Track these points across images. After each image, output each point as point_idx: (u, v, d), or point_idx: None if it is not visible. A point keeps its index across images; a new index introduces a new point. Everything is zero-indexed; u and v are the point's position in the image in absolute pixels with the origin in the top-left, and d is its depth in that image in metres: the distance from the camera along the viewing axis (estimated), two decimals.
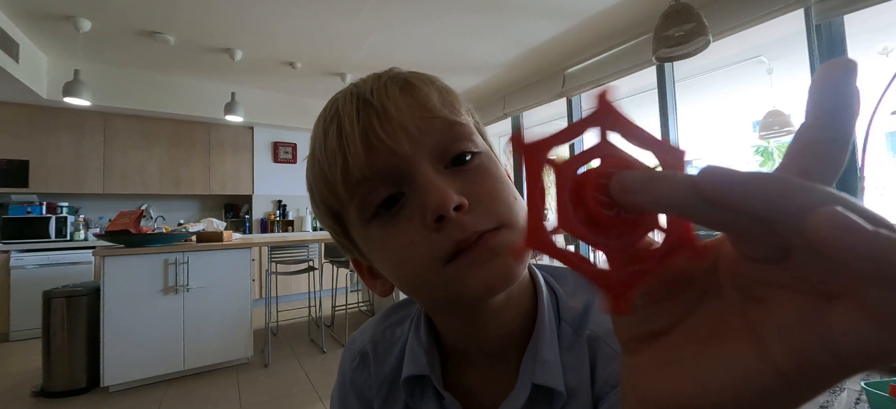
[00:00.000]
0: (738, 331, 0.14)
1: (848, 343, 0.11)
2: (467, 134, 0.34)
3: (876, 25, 2.95)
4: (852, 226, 0.10)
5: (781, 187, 0.11)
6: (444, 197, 0.29)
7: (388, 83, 0.34)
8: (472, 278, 0.30)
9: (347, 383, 0.47)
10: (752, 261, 0.13)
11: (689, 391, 0.14)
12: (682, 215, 0.14)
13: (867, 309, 0.10)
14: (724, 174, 0.12)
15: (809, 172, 0.12)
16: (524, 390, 0.34)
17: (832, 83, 0.12)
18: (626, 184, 0.14)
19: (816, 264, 0.11)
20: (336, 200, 0.34)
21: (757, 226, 0.12)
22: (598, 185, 0.15)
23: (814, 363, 0.11)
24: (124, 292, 2.36)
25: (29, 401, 2.26)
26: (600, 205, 0.15)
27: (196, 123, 4.44)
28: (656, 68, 2.89)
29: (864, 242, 0.10)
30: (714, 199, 0.12)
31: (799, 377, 0.12)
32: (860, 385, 0.75)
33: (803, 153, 0.13)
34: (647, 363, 0.16)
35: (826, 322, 0.11)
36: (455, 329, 0.38)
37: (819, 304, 0.12)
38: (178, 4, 2.68)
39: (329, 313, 3.73)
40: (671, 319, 0.16)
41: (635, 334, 0.17)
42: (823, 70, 0.13)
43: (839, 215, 0.10)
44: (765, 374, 0.12)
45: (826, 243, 0.10)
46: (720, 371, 0.13)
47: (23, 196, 3.80)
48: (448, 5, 2.71)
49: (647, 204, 0.14)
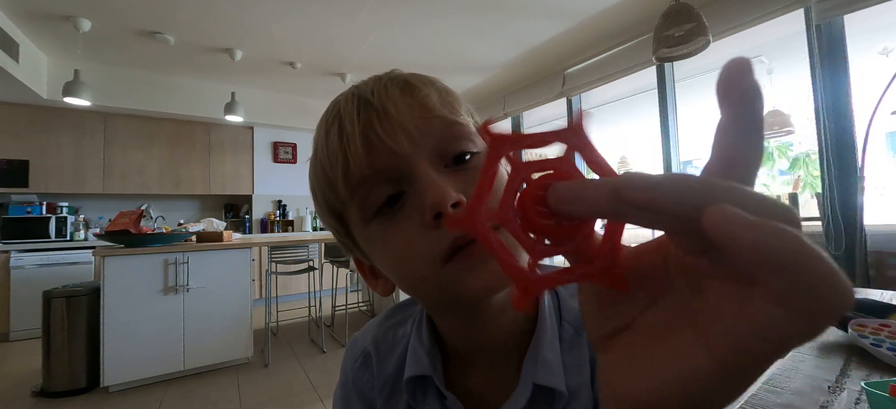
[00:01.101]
0: (684, 323, 0.15)
1: (769, 328, 0.11)
2: (467, 134, 0.34)
3: (876, 25, 2.95)
4: (735, 220, 0.11)
5: (682, 186, 0.12)
6: (441, 194, 0.29)
7: (388, 84, 0.34)
8: (470, 278, 0.30)
9: (350, 383, 0.47)
10: (690, 254, 0.14)
11: (645, 385, 0.15)
12: (610, 218, 0.15)
13: (775, 295, 0.11)
14: (640, 179, 0.13)
15: (731, 166, 0.13)
16: (526, 390, 0.34)
17: (734, 80, 0.13)
18: (560, 194, 0.15)
19: (728, 255, 0.12)
20: (337, 199, 0.34)
21: (678, 223, 0.13)
22: (538, 196, 0.16)
23: (746, 349, 0.12)
24: (124, 292, 2.37)
25: (29, 401, 2.26)
26: (540, 215, 0.16)
27: (196, 123, 4.44)
28: (656, 68, 2.89)
29: (743, 233, 0.11)
30: (632, 202, 0.13)
31: (736, 363, 0.12)
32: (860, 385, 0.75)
33: (722, 147, 0.14)
34: (614, 359, 0.17)
35: (751, 309, 0.12)
36: (456, 329, 0.38)
37: (745, 291, 0.12)
38: (178, 4, 2.68)
39: (329, 313, 3.73)
40: (632, 314, 0.17)
41: (603, 332, 0.18)
42: (723, 70, 0.14)
43: (722, 211, 0.11)
44: (706, 362, 0.13)
45: (718, 239, 0.11)
46: (669, 364, 0.14)
47: (23, 196, 3.80)
48: (448, 5, 2.71)
49: (578, 212, 0.15)
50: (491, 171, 0.17)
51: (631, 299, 0.17)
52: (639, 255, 0.17)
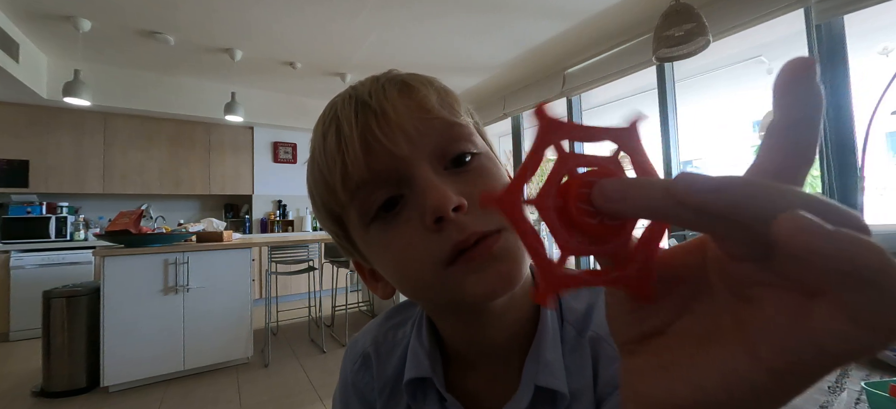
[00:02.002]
0: (728, 330, 0.14)
1: (830, 341, 0.11)
2: (466, 135, 0.33)
3: (876, 25, 2.95)
4: (812, 229, 0.10)
5: (752, 192, 0.12)
6: (442, 198, 0.29)
7: (386, 85, 0.33)
8: (473, 282, 0.29)
9: (349, 385, 0.47)
10: (737, 260, 0.14)
11: (684, 393, 0.14)
12: (660, 220, 0.14)
13: (843, 307, 0.11)
14: (697, 180, 0.12)
15: (783, 169, 0.13)
16: (527, 392, 0.34)
17: (795, 82, 0.13)
18: (607, 191, 0.14)
19: (795, 264, 0.12)
20: (336, 203, 0.34)
21: (734, 229, 0.12)
22: (581, 198, 0.15)
23: (801, 360, 0.12)
24: (124, 292, 2.36)
25: (29, 401, 2.26)
26: (581, 211, 0.15)
27: (196, 123, 4.44)
28: (656, 68, 2.89)
29: (824, 244, 0.10)
30: (688, 204, 0.12)
31: (788, 374, 0.12)
32: (860, 385, 0.75)
33: (776, 151, 0.13)
34: (643, 364, 0.16)
35: (809, 321, 0.11)
36: (457, 332, 0.38)
37: (803, 302, 0.12)
38: (179, 4, 2.68)
39: (329, 313, 3.73)
40: (665, 319, 0.16)
41: (631, 336, 0.17)
42: (785, 70, 0.13)
43: (800, 219, 0.10)
44: (755, 372, 0.12)
45: (791, 247, 0.10)
46: (713, 371, 0.13)
47: (23, 196, 3.80)
48: (448, 5, 2.71)
49: (626, 211, 0.14)
50: (538, 156, 0.16)
51: (664, 303, 0.16)
52: (673, 257, 0.16)
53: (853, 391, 0.74)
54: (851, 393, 0.74)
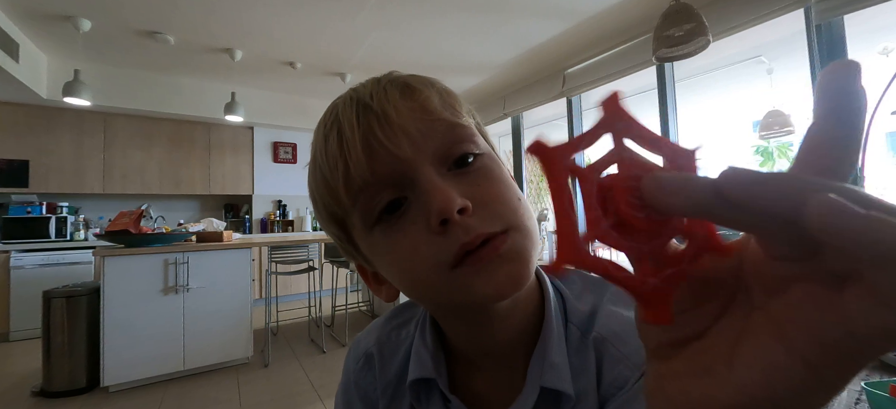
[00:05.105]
0: (762, 327, 0.14)
1: (864, 326, 0.11)
2: (469, 136, 0.33)
3: (876, 25, 2.95)
4: (843, 209, 0.10)
5: (799, 185, 0.11)
6: (447, 200, 0.29)
7: (387, 87, 0.33)
8: (480, 283, 0.29)
9: (351, 385, 0.47)
10: (778, 260, 0.14)
11: (723, 395, 0.14)
12: (706, 218, 0.14)
13: (872, 291, 0.11)
14: (744, 175, 0.12)
15: (824, 170, 0.12)
16: (532, 393, 0.34)
17: (838, 84, 0.13)
18: (664, 185, 0.14)
19: (831, 254, 0.12)
20: (339, 206, 0.34)
21: (779, 225, 0.12)
22: (628, 188, 0.15)
23: (837, 349, 0.12)
24: (124, 292, 2.36)
25: (29, 401, 2.26)
26: (630, 205, 0.15)
27: (196, 123, 4.44)
28: (656, 68, 2.89)
29: (854, 224, 0.10)
30: (734, 201, 0.12)
31: (826, 365, 0.12)
32: (860, 385, 0.75)
33: (817, 152, 0.13)
34: (679, 369, 0.16)
35: (841, 307, 0.11)
36: (461, 333, 0.38)
37: (833, 290, 0.12)
38: (178, 4, 2.68)
39: (329, 313, 3.73)
40: (703, 324, 0.16)
41: (665, 341, 0.17)
42: (828, 71, 0.13)
43: (831, 201, 0.10)
44: (792, 365, 0.12)
45: (821, 230, 0.10)
46: (752, 371, 0.13)
47: (23, 196, 3.80)
48: (448, 5, 2.71)
49: (680, 206, 0.14)
50: (596, 134, 0.16)
51: (701, 308, 0.16)
52: (710, 263, 0.16)
53: (853, 391, 0.74)
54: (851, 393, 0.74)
